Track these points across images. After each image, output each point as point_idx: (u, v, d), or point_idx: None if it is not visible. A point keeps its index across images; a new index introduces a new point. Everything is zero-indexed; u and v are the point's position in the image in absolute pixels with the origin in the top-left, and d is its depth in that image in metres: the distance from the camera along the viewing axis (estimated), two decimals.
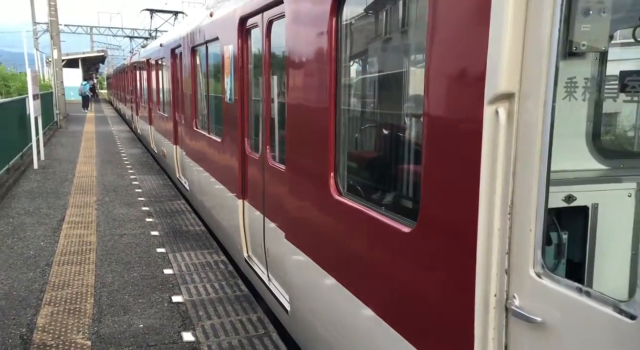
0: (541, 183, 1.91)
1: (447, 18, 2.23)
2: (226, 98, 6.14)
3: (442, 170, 2.32)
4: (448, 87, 2.25)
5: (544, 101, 1.88)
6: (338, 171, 3.49)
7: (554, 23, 1.80)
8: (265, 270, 5.27)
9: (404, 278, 2.66)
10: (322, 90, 3.47)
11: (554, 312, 1.87)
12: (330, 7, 3.26)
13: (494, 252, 2.06)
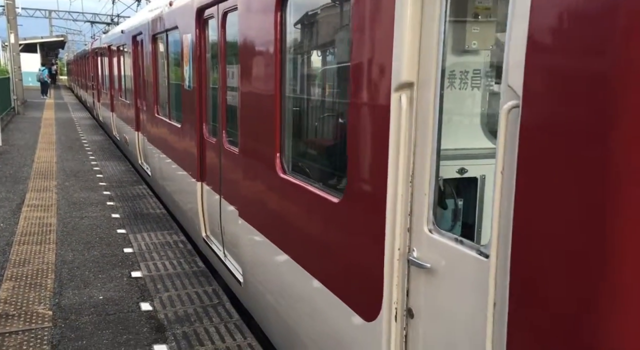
0: (433, 157, 2.35)
1: (363, 21, 2.64)
2: (185, 85, 6.42)
3: (360, 148, 2.75)
4: (365, 78, 2.66)
5: (435, 90, 2.32)
6: (283, 152, 3.88)
7: (440, 27, 2.24)
8: (221, 248, 5.63)
9: (334, 242, 3.09)
10: (269, 79, 3.84)
11: (440, 259, 2.33)
12: (276, 2, 3.63)
13: (398, 214, 2.49)
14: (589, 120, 1.53)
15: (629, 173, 1.46)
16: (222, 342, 4.13)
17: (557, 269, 1.67)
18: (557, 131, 1.63)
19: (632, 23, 1.41)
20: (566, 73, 1.59)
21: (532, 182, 1.74)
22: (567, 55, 1.58)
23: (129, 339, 4.11)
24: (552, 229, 1.68)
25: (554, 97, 1.64)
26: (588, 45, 1.52)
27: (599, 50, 1.49)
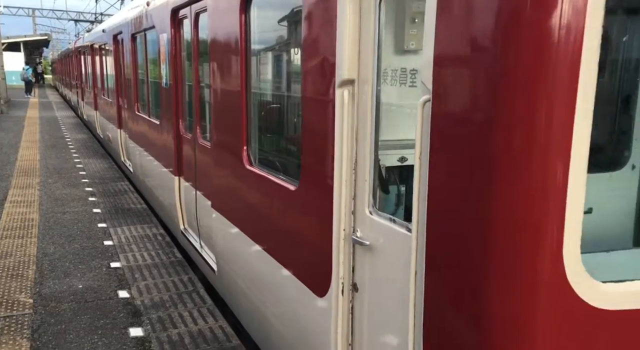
0: (372, 147, 2.62)
1: (311, 24, 2.91)
2: (162, 83, 6.64)
3: (311, 139, 3.02)
4: (313, 76, 2.93)
5: (373, 86, 2.59)
6: (249, 145, 4.14)
7: (376, 30, 2.51)
8: (197, 239, 5.87)
9: (292, 226, 3.36)
10: (236, 77, 4.10)
11: (378, 237, 2.61)
12: (240, 4, 3.88)
13: (343, 198, 2.77)
14: (478, 113, 1.81)
15: (508, 156, 1.74)
16: (195, 324, 4.38)
17: (458, 239, 1.95)
18: (456, 121, 1.91)
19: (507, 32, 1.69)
20: (460, 72, 1.87)
21: (439, 165, 2.02)
22: (462, 56, 1.86)
23: (106, 323, 4.34)
24: (453, 204, 1.96)
25: (454, 92, 1.92)
26: (477, 47, 1.80)
27: (485, 52, 1.77)
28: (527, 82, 1.66)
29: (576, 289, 1.73)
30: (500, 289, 1.81)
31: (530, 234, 1.74)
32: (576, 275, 1.72)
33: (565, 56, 1.64)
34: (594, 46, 1.62)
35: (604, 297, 1.75)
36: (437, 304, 2.10)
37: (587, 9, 1.59)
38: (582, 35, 1.61)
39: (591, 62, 1.64)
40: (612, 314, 1.75)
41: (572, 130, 1.68)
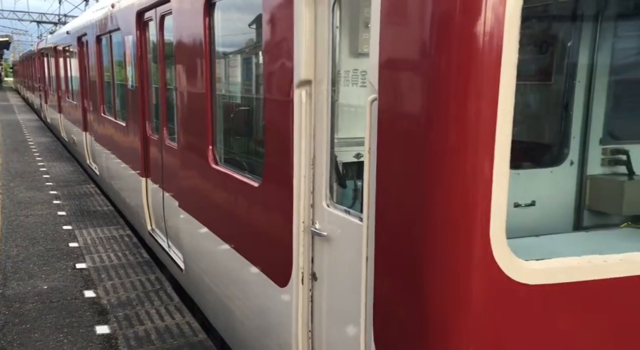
0: (328, 144, 2.80)
1: (270, 28, 3.07)
2: (128, 85, 6.67)
3: (273, 137, 3.17)
4: (274, 77, 3.09)
5: (328, 87, 2.76)
6: (215, 145, 4.26)
7: (330, 35, 2.69)
8: (165, 239, 5.93)
9: (256, 221, 3.50)
10: (200, 79, 4.21)
11: (335, 228, 2.78)
12: (203, 8, 4.01)
13: (302, 192, 2.93)
14: (416, 111, 2.00)
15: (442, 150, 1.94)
16: (162, 321, 4.46)
17: (402, 227, 2.14)
18: (398, 119, 2.10)
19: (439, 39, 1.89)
20: (401, 73, 2.07)
21: (385, 159, 2.20)
22: (401, 59, 2.06)
23: (72, 322, 4.38)
24: (397, 195, 2.15)
25: (395, 92, 2.11)
26: (413, 51, 1.99)
27: (420, 56, 1.96)
28: (456, 83, 1.87)
29: (502, 267, 1.94)
30: (438, 267, 2.00)
31: (462, 221, 1.94)
32: (501, 255, 1.93)
33: (489, 60, 1.85)
34: (512, 50, 1.84)
35: (526, 273, 1.96)
36: (385, 286, 2.28)
37: (506, 18, 1.80)
38: (501, 40, 1.82)
39: (510, 64, 1.85)
40: (533, 287, 1.97)
41: (495, 126, 1.88)
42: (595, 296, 2.03)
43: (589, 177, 3.82)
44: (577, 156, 3.85)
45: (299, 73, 2.84)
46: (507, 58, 1.84)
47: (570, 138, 3.80)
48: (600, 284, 2.02)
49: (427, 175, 1.98)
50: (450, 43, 1.86)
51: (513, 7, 1.81)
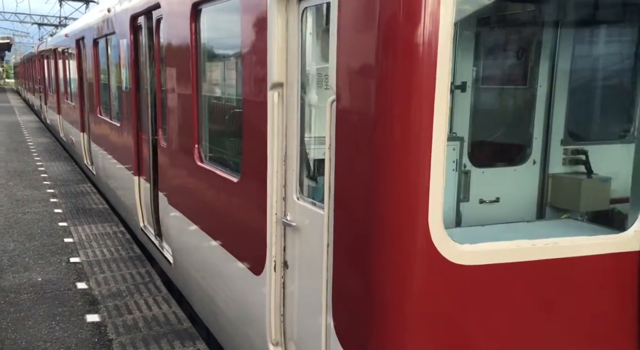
0: (298, 142, 3.04)
1: (248, 35, 3.32)
2: (123, 87, 6.93)
3: (249, 136, 3.42)
4: (251, 80, 3.34)
5: (298, 89, 3.01)
6: (200, 144, 4.50)
7: (299, 41, 2.93)
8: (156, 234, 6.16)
9: (236, 214, 3.74)
10: (188, 81, 4.46)
11: (304, 219, 3.02)
12: (190, 15, 4.26)
13: (275, 186, 3.17)
14: (365, 111, 2.24)
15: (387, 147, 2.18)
16: (150, 311, 4.69)
17: (354, 216, 2.38)
18: (352, 118, 2.34)
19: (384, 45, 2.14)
20: (353, 77, 2.31)
21: (342, 154, 2.45)
22: (353, 64, 2.30)
23: (64, 311, 4.61)
24: (351, 187, 2.39)
25: (349, 94, 2.35)
26: (363, 56, 2.24)
27: (369, 60, 2.21)
28: (397, 87, 2.11)
29: (439, 250, 2.18)
30: (385, 250, 2.24)
31: (404, 210, 2.18)
32: (439, 239, 2.17)
33: (426, 67, 2.09)
34: (446, 59, 2.08)
35: (461, 255, 2.20)
36: (341, 269, 2.52)
37: (440, 31, 2.05)
38: (436, 50, 2.06)
39: (444, 70, 2.09)
40: (468, 267, 2.21)
41: (432, 126, 2.12)
42: (524, 275, 2.26)
43: (551, 175, 4.06)
44: (540, 156, 4.09)
45: (271, 76, 3.08)
46: (442, 65, 2.08)
47: (532, 139, 4.05)
48: (529, 264, 2.25)
49: (375, 170, 2.22)
50: (392, 51, 2.11)
51: (446, 22, 2.05)
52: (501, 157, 4.14)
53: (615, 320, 2.40)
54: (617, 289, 2.38)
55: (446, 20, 2.05)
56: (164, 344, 4.13)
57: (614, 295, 2.39)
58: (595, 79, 4.21)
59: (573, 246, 2.33)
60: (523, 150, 4.09)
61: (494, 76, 4.27)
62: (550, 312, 2.30)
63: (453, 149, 3.72)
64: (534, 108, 4.00)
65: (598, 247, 2.34)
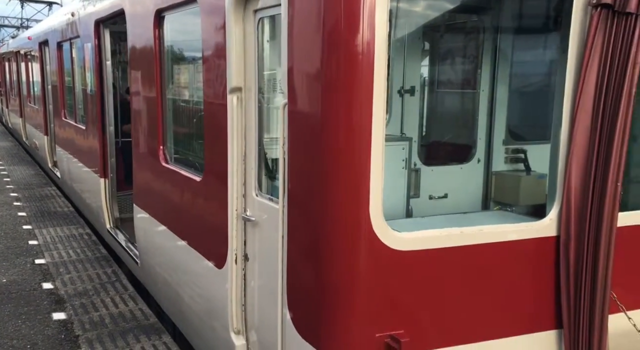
0: (256, 142, 3.25)
1: (209, 42, 3.53)
2: (88, 90, 6.99)
3: (211, 137, 3.62)
4: (212, 85, 3.54)
5: (255, 93, 3.23)
6: (165, 145, 4.66)
7: (255, 49, 3.15)
8: (123, 236, 6.26)
9: (199, 212, 3.93)
10: (152, 85, 4.62)
11: (262, 213, 3.23)
12: (154, 22, 4.43)
13: (236, 184, 3.37)
14: (313, 113, 2.48)
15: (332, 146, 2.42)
16: (116, 308, 4.81)
17: (305, 209, 2.61)
18: (301, 120, 2.58)
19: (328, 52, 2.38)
20: (301, 81, 2.55)
21: (293, 153, 2.68)
22: (301, 69, 2.54)
23: (30, 310, 4.68)
24: (301, 183, 2.62)
25: (299, 97, 2.59)
26: (309, 63, 2.48)
27: (314, 67, 2.45)
28: (338, 92, 2.36)
29: (380, 237, 2.43)
30: (331, 239, 2.49)
31: (348, 202, 2.43)
32: (379, 228, 2.42)
33: (368, 71, 2.34)
34: (382, 66, 2.34)
35: (399, 242, 2.46)
36: (294, 258, 2.75)
37: (375, 42, 2.30)
38: (373, 56, 2.31)
39: (380, 76, 2.34)
40: (405, 252, 2.47)
41: (371, 127, 2.37)
42: (454, 258, 2.54)
43: (494, 173, 4.40)
44: (484, 155, 4.42)
45: (230, 81, 3.29)
46: (379, 71, 2.34)
47: (477, 139, 4.38)
48: (458, 248, 2.54)
49: (322, 168, 2.47)
50: (335, 59, 2.36)
51: (381, 32, 2.31)
52: (449, 156, 4.46)
53: (536, 298, 2.71)
54: (537, 270, 2.69)
55: (381, 31, 2.31)
56: (130, 338, 4.27)
57: (535, 275, 2.69)
58: (532, 83, 4.58)
59: (497, 232, 2.62)
60: (468, 149, 4.42)
61: (441, 81, 4.59)
62: (478, 290, 2.59)
63: (402, 148, 4.01)
64: (478, 111, 4.34)
65: (519, 233, 2.64)
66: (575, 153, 2.56)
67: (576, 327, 2.61)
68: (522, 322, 2.70)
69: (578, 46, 2.54)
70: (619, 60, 2.42)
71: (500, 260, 2.63)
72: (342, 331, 2.55)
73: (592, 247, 2.55)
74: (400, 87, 4.26)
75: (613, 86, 2.45)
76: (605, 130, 2.49)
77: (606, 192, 2.49)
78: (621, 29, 2.40)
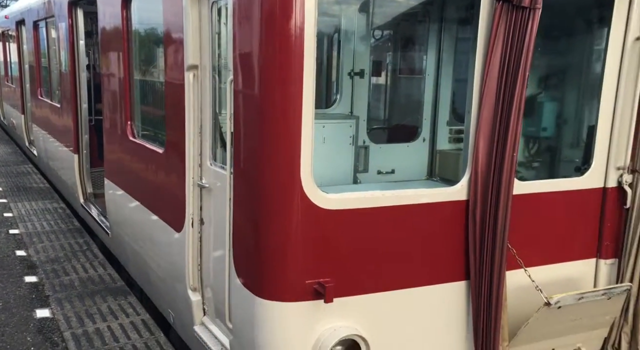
0: (211, 116, 3.58)
1: (169, 23, 3.83)
2: (62, 68, 7.20)
3: (170, 111, 3.94)
4: (170, 64, 3.85)
5: (210, 71, 3.55)
6: (133, 121, 4.96)
7: (210, 28, 3.47)
8: (95, 209, 6.55)
9: (161, 181, 4.25)
10: (120, 64, 4.90)
11: (215, 181, 3.58)
12: (121, 2, 4.70)
13: (191, 155, 3.70)
14: (252, 90, 2.82)
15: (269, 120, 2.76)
16: (86, 273, 5.14)
17: (246, 172, 2.96)
18: (243, 95, 2.92)
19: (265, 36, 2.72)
20: (244, 61, 2.88)
21: (237, 124, 3.02)
22: (243, 50, 2.87)
23: (3, 274, 4.99)
24: (243, 150, 2.97)
25: (242, 75, 2.92)
26: (249, 44, 2.81)
27: (254, 47, 2.78)
28: (277, 68, 2.70)
29: (309, 197, 2.80)
30: (268, 199, 2.85)
31: (282, 167, 2.77)
32: (309, 189, 2.78)
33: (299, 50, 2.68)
34: (311, 43, 2.67)
35: (326, 201, 2.83)
36: (238, 218, 3.11)
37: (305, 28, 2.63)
38: (303, 37, 2.65)
39: (310, 56, 2.68)
40: (332, 211, 2.84)
41: (301, 102, 2.72)
42: (375, 216, 2.92)
43: (438, 151, 4.80)
44: (429, 134, 4.82)
45: (187, 59, 3.61)
46: (308, 53, 2.67)
47: (422, 120, 4.77)
48: (380, 209, 2.92)
49: (260, 138, 2.81)
50: (271, 41, 2.69)
51: (310, 20, 2.65)
52: (396, 135, 4.84)
53: (449, 253, 3.11)
54: (451, 228, 3.08)
55: (310, 17, 2.64)
56: (97, 298, 4.61)
57: (448, 233, 3.09)
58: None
59: (414, 196, 3.01)
60: (415, 129, 4.80)
61: (390, 66, 4.95)
62: (397, 245, 2.98)
63: (350, 126, 4.37)
64: (424, 94, 4.72)
65: (433, 197, 3.03)
66: (482, 128, 2.95)
67: (480, 278, 3.02)
68: (437, 273, 3.11)
69: (485, 35, 2.92)
70: (516, 47, 2.81)
71: (417, 219, 3.02)
72: (278, 280, 2.92)
73: (493, 210, 2.95)
74: (350, 70, 4.62)
75: (512, 70, 2.83)
76: (505, 108, 2.88)
77: (504, 161, 2.89)
78: (518, 20, 2.78)
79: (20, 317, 4.26)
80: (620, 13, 3.22)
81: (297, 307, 2.87)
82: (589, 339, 3.40)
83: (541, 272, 3.32)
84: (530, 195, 3.29)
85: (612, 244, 3.44)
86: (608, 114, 3.33)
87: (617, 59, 3.28)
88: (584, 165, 3.50)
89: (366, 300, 2.98)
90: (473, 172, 3.01)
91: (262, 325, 2.94)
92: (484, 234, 2.99)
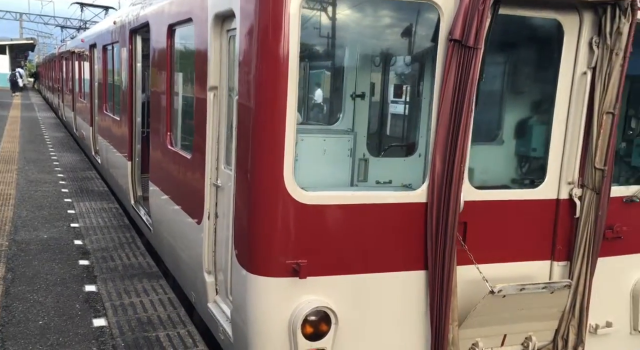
0: (227, 128, 4.36)
1: (198, 53, 4.68)
2: (122, 86, 8.35)
3: (197, 123, 4.76)
4: (198, 84, 4.69)
5: (226, 91, 4.34)
6: (172, 131, 5.87)
7: (227, 57, 4.27)
8: (142, 208, 7.53)
9: (188, 181, 5.08)
10: (164, 84, 5.84)
11: (227, 181, 4.34)
12: (167, 33, 5.64)
13: (210, 159, 4.49)
14: (250, 102, 3.55)
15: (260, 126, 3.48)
16: (129, 260, 6.03)
17: (243, 173, 3.69)
18: (244, 108, 3.65)
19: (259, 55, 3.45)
20: (245, 78, 3.63)
21: (240, 131, 3.76)
22: (244, 68, 3.62)
23: (62, 257, 5.98)
24: (243, 154, 3.69)
25: (243, 92, 3.67)
26: (249, 61, 3.55)
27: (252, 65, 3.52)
28: (267, 88, 3.41)
29: (291, 194, 3.46)
30: (258, 194, 3.55)
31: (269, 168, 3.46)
32: (291, 188, 3.44)
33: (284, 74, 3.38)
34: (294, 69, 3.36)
35: (305, 198, 3.48)
36: (238, 210, 3.83)
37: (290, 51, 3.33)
38: (288, 64, 3.34)
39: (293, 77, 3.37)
40: (310, 206, 3.48)
41: (285, 115, 3.40)
42: (345, 212, 3.54)
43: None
44: (424, 151, 5.35)
45: (209, 81, 4.43)
46: (292, 73, 3.36)
47: (418, 138, 5.32)
48: (349, 206, 3.53)
49: (253, 144, 3.53)
50: (263, 67, 3.42)
51: (293, 52, 3.35)
52: (394, 151, 5.42)
53: (411, 246, 3.65)
54: (412, 226, 3.64)
55: (294, 50, 3.34)
56: (135, 280, 5.47)
57: (410, 229, 3.65)
58: None
59: (380, 196, 3.61)
60: (411, 146, 5.36)
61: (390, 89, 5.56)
62: (365, 236, 3.55)
63: (348, 140, 5.02)
64: (420, 114, 5.27)
65: (397, 198, 3.62)
66: (438, 144, 3.53)
67: (434, 268, 3.55)
68: (399, 262, 3.66)
69: (442, 68, 3.51)
70: (464, 78, 3.38)
71: (383, 216, 3.61)
72: (264, 259, 3.59)
73: (445, 211, 3.50)
74: (352, 92, 5.29)
75: (461, 97, 3.40)
76: (455, 127, 3.44)
77: (454, 171, 3.44)
78: (465, 57, 3.36)
79: (73, 290, 5.18)
80: (569, 50, 3.71)
81: (278, 281, 3.53)
82: (539, 330, 3.81)
83: (501, 269, 3.80)
84: (490, 202, 3.80)
85: (564, 248, 3.85)
86: (560, 136, 3.80)
87: (568, 89, 3.75)
88: (538, 180, 3.96)
89: (337, 280, 3.58)
90: (430, 179, 3.57)
91: (252, 294, 3.62)
92: (439, 231, 3.53)
